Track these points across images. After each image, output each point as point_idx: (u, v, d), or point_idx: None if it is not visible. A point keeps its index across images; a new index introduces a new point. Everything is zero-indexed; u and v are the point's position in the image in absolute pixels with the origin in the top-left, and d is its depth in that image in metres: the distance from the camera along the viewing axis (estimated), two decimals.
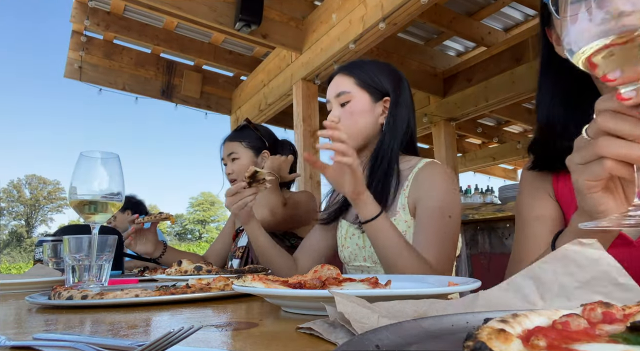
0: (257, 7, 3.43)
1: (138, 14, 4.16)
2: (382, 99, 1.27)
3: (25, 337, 0.48)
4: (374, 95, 1.27)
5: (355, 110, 1.25)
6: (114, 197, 0.95)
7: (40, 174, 57.78)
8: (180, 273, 1.19)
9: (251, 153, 1.86)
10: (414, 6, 2.79)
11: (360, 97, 1.26)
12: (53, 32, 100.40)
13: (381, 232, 1.04)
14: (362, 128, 1.25)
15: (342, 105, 1.26)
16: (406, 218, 1.20)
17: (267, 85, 4.56)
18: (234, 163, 1.84)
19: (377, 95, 1.27)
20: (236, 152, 1.85)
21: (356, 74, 1.28)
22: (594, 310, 0.30)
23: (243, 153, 1.85)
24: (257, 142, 1.89)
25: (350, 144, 1.01)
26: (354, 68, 1.30)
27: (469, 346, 0.24)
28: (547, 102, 0.86)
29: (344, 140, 1.00)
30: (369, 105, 1.26)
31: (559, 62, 0.80)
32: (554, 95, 0.86)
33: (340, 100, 1.27)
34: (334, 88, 1.29)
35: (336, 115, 1.26)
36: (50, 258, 1.31)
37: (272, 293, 0.61)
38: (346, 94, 1.26)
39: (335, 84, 1.30)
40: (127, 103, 6.19)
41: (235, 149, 1.85)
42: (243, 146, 1.86)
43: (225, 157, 1.88)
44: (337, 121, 1.24)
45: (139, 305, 0.72)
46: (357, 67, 1.30)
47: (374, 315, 0.39)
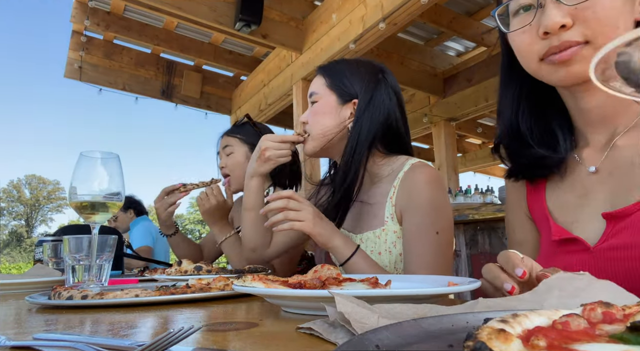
0: (257, 7, 3.43)
1: (138, 14, 4.16)
2: (350, 101, 1.22)
3: (25, 337, 0.48)
4: (341, 96, 1.23)
5: (319, 110, 1.23)
6: (114, 197, 0.95)
7: (40, 174, 57.87)
8: (180, 273, 1.19)
9: (247, 149, 1.82)
10: (414, 6, 2.79)
11: (327, 98, 1.24)
12: (53, 32, 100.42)
13: (359, 270, 1.06)
14: (324, 129, 1.21)
15: (312, 105, 1.27)
16: (395, 228, 1.15)
17: (267, 85, 4.56)
18: (229, 157, 1.80)
19: (344, 97, 1.23)
20: (231, 146, 1.81)
21: (328, 74, 1.27)
22: (594, 310, 0.30)
23: (238, 148, 1.81)
24: (255, 138, 1.80)
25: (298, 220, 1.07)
26: (328, 69, 1.29)
27: (469, 346, 0.24)
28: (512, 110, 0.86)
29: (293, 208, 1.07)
30: (334, 106, 1.22)
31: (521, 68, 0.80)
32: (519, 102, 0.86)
33: (311, 100, 1.27)
34: (309, 89, 1.30)
35: (305, 116, 1.26)
36: (50, 258, 1.31)
37: (272, 293, 0.61)
38: (315, 95, 1.25)
39: (311, 85, 1.30)
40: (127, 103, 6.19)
41: (231, 143, 1.82)
42: (239, 141, 1.82)
43: (221, 150, 1.84)
44: (306, 121, 1.25)
45: (139, 305, 0.72)
46: (331, 67, 1.29)
47: (374, 315, 0.39)
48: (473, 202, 3.44)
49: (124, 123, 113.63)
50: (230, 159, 1.79)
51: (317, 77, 1.29)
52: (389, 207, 1.17)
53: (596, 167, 0.77)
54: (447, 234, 1.10)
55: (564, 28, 0.70)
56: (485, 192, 3.78)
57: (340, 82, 1.24)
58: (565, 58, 0.71)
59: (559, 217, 0.81)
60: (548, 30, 0.71)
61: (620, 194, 0.72)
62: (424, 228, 1.09)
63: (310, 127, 1.24)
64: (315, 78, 1.30)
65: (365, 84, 1.22)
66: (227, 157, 1.80)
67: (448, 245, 1.11)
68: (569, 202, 0.80)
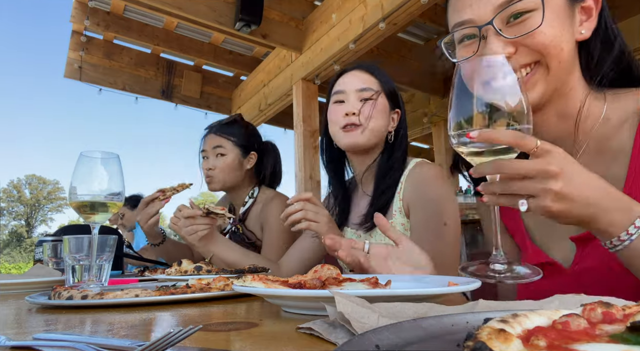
0: (257, 7, 3.43)
1: (138, 14, 4.15)
2: (394, 110, 1.31)
3: (25, 337, 0.48)
4: (391, 103, 1.30)
5: (379, 109, 1.26)
6: (114, 197, 0.95)
7: (40, 174, 57.88)
8: (180, 273, 1.19)
9: (239, 152, 1.75)
10: (414, 6, 2.79)
11: (382, 100, 1.28)
12: (53, 32, 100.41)
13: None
14: (380, 128, 1.26)
15: (362, 101, 1.27)
16: (402, 221, 1.20)
17: (267, 85, 4.56)
18: (219, 159, 1.72)
19: (392, 105, 1.31)
20: (224, 147, 1.72)
21: (380, 77, 1.30)
22: (594, 310, 0.30)
23: (231, 150, 1.73)
24: (247, 140, 1.78)
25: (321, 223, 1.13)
26: (377, 71, 1.32)
27: (469, 346, 0.24)
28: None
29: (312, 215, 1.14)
30: (387, 109, 1.29)
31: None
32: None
33: (363, 95, 1.27)
34: (357, 81, 1.28)
35: (357, 108, 1.25)
36: (50, 258, 1.30)
37: (272, 293, 0.61)
38: (371, 91, 1.27)
39: (360, 78, 1.29)
40: (127, 103, 6.17)
41: (223, 144, 1.73)
42: (232, 143, 1.74)
43: (209, 149, 1.74)
44: (358, 113, 1.24)
45: (139, 305, 0.72)
46: (379, 71, 1.32)
47: (374, 314, 0.39)
48: (473, 202, 3.44)
49: (124, 123, 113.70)
50: (221, 161, 1.72)
51: (365, 74, 1.30)
52: (396, 201, 1.22)
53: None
54: (454, 226, 1.14)
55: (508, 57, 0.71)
56: None
57: (393, 90, 1.32)
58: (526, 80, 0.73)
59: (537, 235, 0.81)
60: None
61: None
62: (433, 220, 1.13)
63: (368, 122, 1.25)
64: (363, 74, 1.30)
65: (400, 96, 1.34)
66: (217, 158, 1.72)
67: (456, 236, 1.14)
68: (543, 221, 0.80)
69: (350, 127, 1.24)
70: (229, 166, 1.73)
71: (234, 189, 1.80)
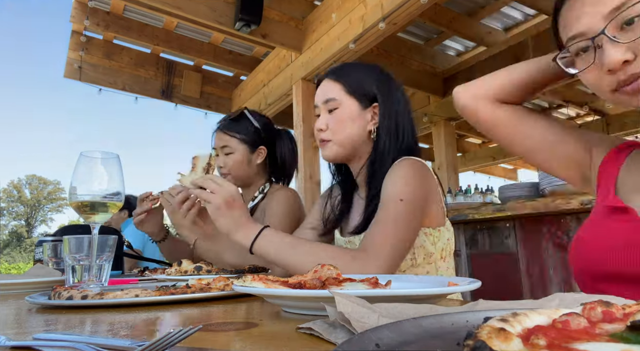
0: (257, 7, 3.43)
1: (138, 14, 4.16)
2: (370, 105, 1.25)
3: (25, 337, 0.48)
4: (362, 101, 1.24)
5: (343, 117, 1.23)
6: (114, 197, 0.95)
7: (41, 174, 57.91)
8: (180, 273, 1.19)
9: (246, 148, 1.72)
10: (414, 6, 2.79)
11: (349, 104, 1.23)
12: (53, 32, 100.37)
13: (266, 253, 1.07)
14: (350, 135, 1.23)
15: (330, 112, 1.25)
16: None
17: (267, 85, 4.56)
18: (228, 157, 1.71)
19: (365, 102, 1.24)
20: (229, 146, 1.71)
21: (344, 80, 1.25)
22: (594, 309, 0.30)
23: (238, 148, 1.71)
24: (254, 135, 1.74)
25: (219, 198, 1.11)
26: (341, 74, 1.27)
27: (469, 345, 0.24)
28: None
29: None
30: (357, 112, 1.23)
31: None
32: None
33: (328, 106, 1.25)
34: (321, 93, 1.27)
35: (324, 122, 1.25)
36: (50, 258, 1.30)
37: (272, 293, 0.61)
38: (334, 101, 1.24)
39: (323, 90, 1.27)
40: (127, 103, 6.17)
41: (228, 143, 1.71)
42: (237, 140, 1.71)
43: (218, 148, 1.73)
44: (326, 128, 1.24)
45: (139, 305, 0.72)
46: (344, 72, 1.28)
47: (374, 314, 0.39)
48: (473, 202, 3.44)
49: (123, 123, 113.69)
50: (230, 160, 1.71)
51: (330, 82, 1.27)
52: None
53: None
54: (408, 205, 1.06)
55: (627, 63, 0.70)
56: (485, 192, 3.78)
57: (359, 86, 1.25)
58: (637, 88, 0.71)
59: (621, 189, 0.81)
60: (611, 68, 0.71)
61: None
62: (390, 198, 1.08)
63: (334, 134, 1.23)
64: (328, 83, 1.28)
65: (382, 86, 1.26)
66: (227, 157, 1.72)
67: (405, 217, 1.05)
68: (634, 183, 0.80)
69: (322, 142, 1.26)
70: (238, 163, 1.72)
71: (247, 185, 1.80)
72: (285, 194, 1.69)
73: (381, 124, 1.23)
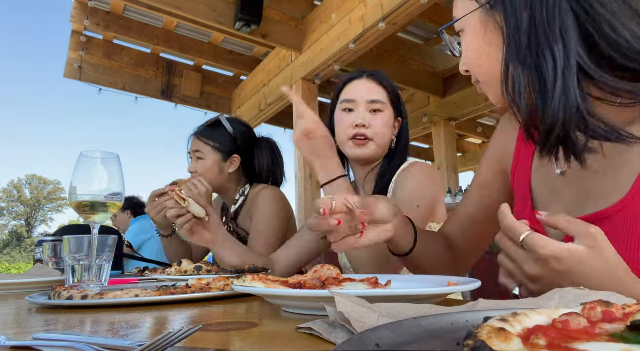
0: (257, 7, 3.43)
1: (138, 14, 4.16)
2: (397, 118, 1.34)
3: (25, 337, 0.48)
4: (395, 113, 1.33)
5: (387, 122, 1.29)
6: (114, 197, 0.95)
7: (41, 174, 57.91)
8: (180, 273, 1.19)
9: (218, 157, 1.68)
10: (414, 6, 2.80)
11: (388, 111, 1.30)
12: (53, 32, 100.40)
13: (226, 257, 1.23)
14: (386, 142, 1.30)
15: (373, 112, 1.29)
16: None
17: (267, 85, 4.56)
18: (199, 162, 1.67)
19: (396, 114, 1.33)
20: (201, 152, 1.67)
21: (388, 88, 1.32)
22: (594, 309, 0.30)
23: (209, 155, 1.67)
24: (228, 144, 1.70)
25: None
26: (385, 80, 1.33)
27: (469, 345, 0.24)
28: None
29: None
30: (392, 119, 1.31)
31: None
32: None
33: (373, 106, 1.28)
34: (367, 91, 1.29)
35: (367, 120, 1.26)
36: (50, 258, 1.30)
37: (272, 293, 0.61)
38: (381, 104, 1.29)
39: (369, 89, 1.30)
40: (127, 103, 6.17)
41: (201, 148, 1.67)
42: (210, 147, 1.67)
43: (192, 152, 1.70)
44: (369, 126, 1.26)
45: (139, 305, 0.72)
46: (387, 81, 1.33)
47: (374, 314, 0.39)
48: None
49: (123, 123, 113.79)
50: (200, 165, 1.67)
51: (374, 84, 1.30)
52: None
53: (562, 170, 0.76)
54: (425, 211, 1.16)
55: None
56: None
57: (397, 99, 1.33)
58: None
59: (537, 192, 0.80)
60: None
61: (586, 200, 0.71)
62: (407, 204, 1.14)
63: (377, 136, 1.27)
64: (372, 83, 1.30)
65: (403, 103, 1.37)
66: (197, 161, 1.68)
67: (425, 220, 1.16)
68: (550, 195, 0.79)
69: (360, 139, 1.26)
70: (209, 170, 1.67)
71: (221, 191, 1.77)
72: (270, 194, 1.67)
73: (399, 137, 1.33)
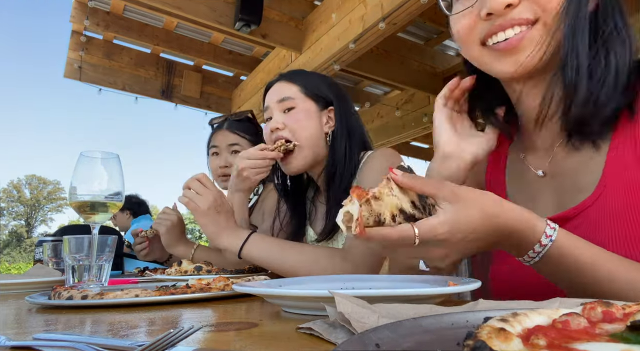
0: (257, 7, 3.43)
1: (138, 14, 4.15)
2: (326, 109, 1.26)
3: (25, 337, 0.48)
4: (318, 103, 1.25)
5: (302, 116, 1.23)
6: (114, 197, 0.95)
7: (40, 174, 57.88)
8: (180, 273, 1.19)
9: None
10: (414, 6, 2.79)
11: (305, 104, 1.24)
12: (53, 32, 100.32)
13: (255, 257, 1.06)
14: (312, 134, 1.22)
15: (285, 112, 1.24)
16: None
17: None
18: (234, 156, 1.68)
19: (321, 104, 1.26)
20: (240, 145, 1.68)
21: (300, 82, 1.26)
22: (594, 309, 0.30)
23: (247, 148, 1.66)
24: (259, 139, 1.72)
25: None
26: (296, 76, 1.28)
27: (469, 345, 0.24)
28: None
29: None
30: (314, 112, 1.24)
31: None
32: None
33: (283, 105, 1.24)
34: (275, 94, 1.26)
35: (280, 121, 1.23)
36: (50, 258, 1.30)
37: (272, 293, 0.61)
38: (290, 100, 1.24)
39: (277, 90, 1.27)
40: (127, 103, 6.17)
41: (239, 142, 1.69)
42: (247, 141, 1.70)
43: (223, 146, 1.72)
44: (283, 127, 1.22)
45: (139, 305, 0.72)
46: (299, 76, 1.29)
47: (374, 314, 0.39)
48: None
49: (123, 124, 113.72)
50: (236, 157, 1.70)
51: (284, 83, 1.27)
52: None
53: (543, 170, 0.76)
54: None
55: (509, 7, 0.63)
56: None
57: (316, 89, 1.26)
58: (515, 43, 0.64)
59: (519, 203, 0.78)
60: (492, 11, 0.64)
61: (566, 196, 0.71)
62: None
63: (295, 134, 1.21)
64: (282, 84, 1.27)
65: (337, 92, 1.28)
66: (232, 155, 1.70)
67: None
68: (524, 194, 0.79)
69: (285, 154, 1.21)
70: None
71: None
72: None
73: (337, 127, 1.24)
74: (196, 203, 1.08)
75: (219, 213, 1.09)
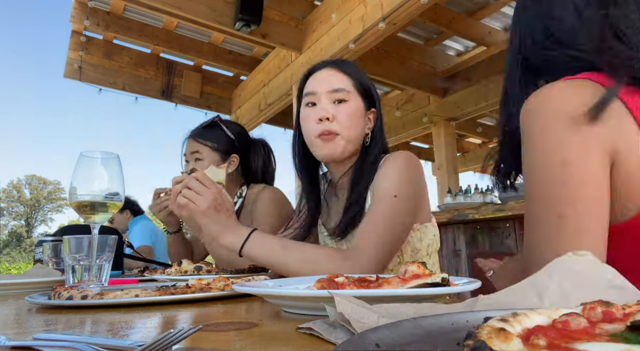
0: (257, 7, 3.43)
1: (138, 14, 4.16)
2: (369, 109, 1.21)
3: (25, 337, 0.48)
4: (366, 103, 1.19)
5: (354, 112, 1.15)
6: (114, 197, 0.95)
7: (40, 174, 57.93)
8: (180, 273, 1.19)
9: (217, 156, 1.66)
10: (414, 6, 2.79)
11: (357, 100, 1.17)
12: (53, 32, 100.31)
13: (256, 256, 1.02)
14: (357, 134, 1.17)
15: (335, 103, 1.15)
16: None
17: (267, 85, 4.56)
18: (197, 163, 1.66)
19: (368, 105, 1.20)
20: (200, 152, 1.66)
21: (353, 75, 1.18)
22: (594, 309, 0.30)
23: (208, 156, 1.65)
24: (227, 144, 1.70)
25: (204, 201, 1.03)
26: (348, 68, 1.20)
27: (469, 345, 0.24)
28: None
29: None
30: (362, 111, 1.18)
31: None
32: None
33: (335, 96, 1.15)
34: (327, 82, 1.16)
35: (331, 112, 1.13)
36: (50, 258, 1.30)
37: (272, 293, 0.61)
38: (344, 92, 1.15)
39: (329, 79, 1.17)
40: (127, 103, 6.16)
41: (200, 149, 1.66)
42: (209, 148, 1.67)
43: (188, 154, 1.69)
44: (333, 119, 1.13)
45: (139, 305, 0.72)
46: (352, 68, 1.21)
47: (374, 314, 0.39)
48: (473, 202, 3.44)
49: (123, 123, 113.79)
50: (199, 166, 1.64)
51: (336, 72, 1.18)
52: (368, 199, 1.15)
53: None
54: (403, 201, 1.05)
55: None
56: (485, 192, 3.77)
57: (367, 87, 1.20)
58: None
59: None
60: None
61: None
62: (384, 193, 1.06)
63: (344, 130, 1.14)
64: (334, 72, 1.18)
65: (377, 92, 1.24)
66: (196, 162, 1.67)
67: (399, 213, 1.05)
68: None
69: (327, 135, 1.13)
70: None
71: None
72: (270, 194, 1.66)
73: (376, 131, 1.20)
74: (197, 204, 1.04)
75: (219, 212, 1.05)
